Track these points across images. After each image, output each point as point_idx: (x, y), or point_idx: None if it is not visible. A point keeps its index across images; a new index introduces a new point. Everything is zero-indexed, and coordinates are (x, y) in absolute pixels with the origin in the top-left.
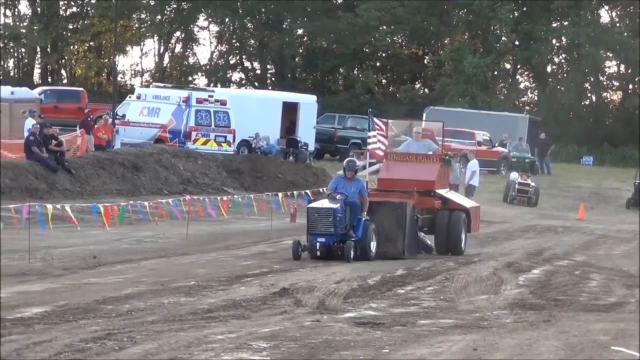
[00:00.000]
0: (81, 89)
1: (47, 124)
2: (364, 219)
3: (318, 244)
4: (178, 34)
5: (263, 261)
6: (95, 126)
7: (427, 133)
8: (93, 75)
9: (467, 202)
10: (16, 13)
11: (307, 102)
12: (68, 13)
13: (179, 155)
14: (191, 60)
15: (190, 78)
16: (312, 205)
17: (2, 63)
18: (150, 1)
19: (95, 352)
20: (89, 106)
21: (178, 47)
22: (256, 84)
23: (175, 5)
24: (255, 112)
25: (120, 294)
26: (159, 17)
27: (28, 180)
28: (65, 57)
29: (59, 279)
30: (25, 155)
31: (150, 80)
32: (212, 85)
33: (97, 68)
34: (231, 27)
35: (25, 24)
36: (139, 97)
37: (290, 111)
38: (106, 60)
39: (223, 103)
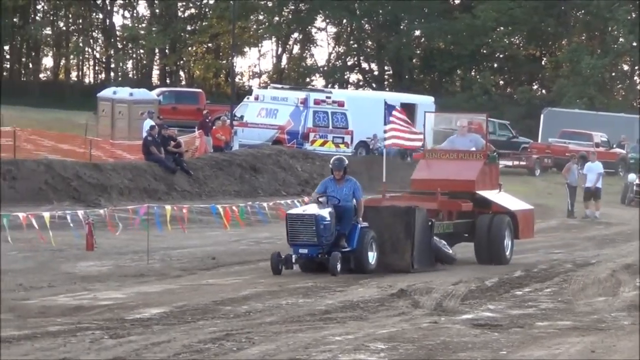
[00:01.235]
0: (199, 90)
1: (165, 125)
2: (359, 225)
3: (294, 256)
4: (296, 35)
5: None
6: (214, 127)
7: (474, 127)
8: (211, 76)
9: (515, 205)
10: (135, 14)
11: (425, 103)
12: (186, 14)
13: (296, 156)
14: (309, 61)
15: (308, 79)
16: (292, 211)
17: (121, 64)
18: (268, 2)
19: (214, 352)
20: (207, 107)
21: (296, 49)
22: (374, 85)
23: (293, 7)
24: (372, 113)
25: (238, 295)
26: (276, 18)
27: (147, 181)
28: (184, 59)
29: (177, 280)
30: (144, 156)
31: (268, 82)
32: (329, 86)
33: (215, 69)
34: (349, 28)
35: (144, 25)
36: (257, 99)
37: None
38: (224, 62)
39: (341, 104)
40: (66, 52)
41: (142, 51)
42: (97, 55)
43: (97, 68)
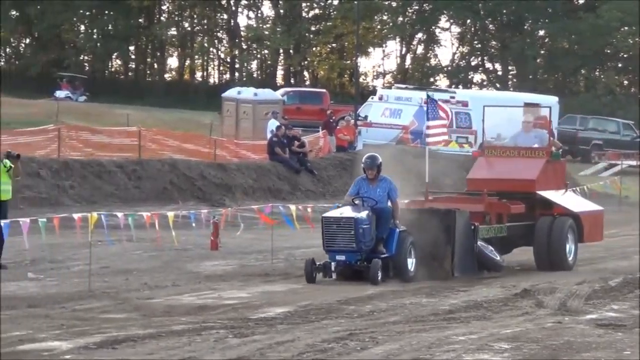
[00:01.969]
0: (324, 90)
1: (290, 125)
2: (398, 229)
3: (333, 264)
4: (420, 35)
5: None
6: (338, 127)
7: (540, 122)
8: (335, 76)
9: (581, 206)
10: (259, 15)
11: (549, 103)
12: (310, 15)
13: (420, 156)
14: (433, 61)
15: (431, 79)
16: (329, 214)
17: (245, 65)
18: (392, 3)
19: (337, 352)
20: (331, 107)
21: (420, 49)
22: (497, 85)
23: (417, 7)
24: (496, 113)
25: (362, 294)
26: (400, 18)
27: (271, 181)
28: (308, 59)
29: (301, 279)
30: (268, 156)
31: (392, 82)
32: (453, 86)
33: (339, 69)
34: (472, 28)
35: (268, 25)
36: (380, 99)
37: None
38: (348, 62)
39: (464, 104)
40: (191, 53)
41: (266, 51)
42: (222, 56)
43: (221, 68)
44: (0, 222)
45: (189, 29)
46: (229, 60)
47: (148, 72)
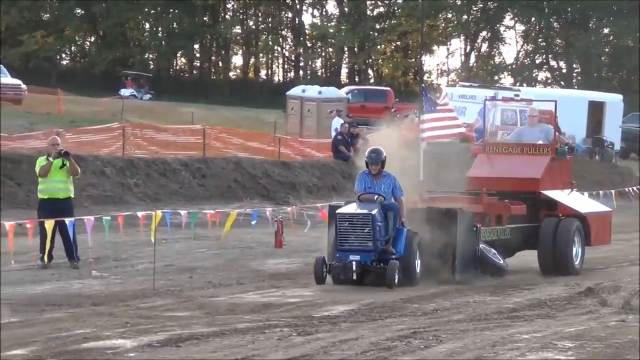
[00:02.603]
0: (388, 88)
1: (354, 123)
2: (405, 228)
3: (354, 263)
4: (484, 33)
5: None
6: (402, 125)
7: (545, 116)
8: (400, 74)
9: (588, 207)
10: (324, 13)
11: (613, 101)
12: (375, 13)
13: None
14: (497, 59)
15: (496, 77)
16: (343, 210)
17: (310, 63)
18: (457, 1)
19: (401, 350)
20: (395, 105)
21: (484, 47)
22: (562, 83)
23: (481, 5)
24: (561, 111)
25: (426, 292)
26: (465, 16)
27: (335, 179)
28: (372, 57)
29: None
30: (332, 154)
31: (457, 80)
32: (517, 84)
33: (403, 67)
34: (537, 26)
35: (333, 24)
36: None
37: (595, 110)
38: (413, 60)
39: (529, 102)
40: (255, 51)
41: (330, 49)
42: (286, 54)
43: (286, 66)
44: (66, 221)
45: (253, 27)
46: (293, 58)
47: (213, 70)
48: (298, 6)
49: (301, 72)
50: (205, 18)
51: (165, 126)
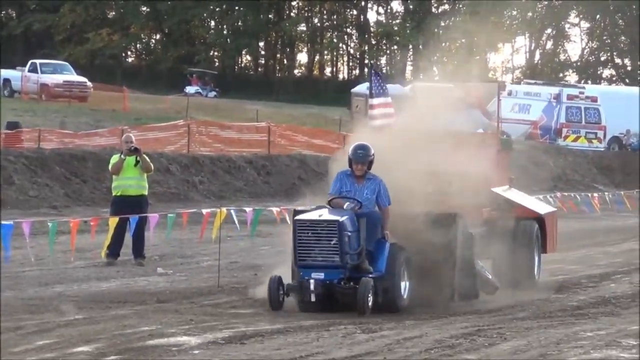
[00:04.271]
0: (452, 85)
1: None
2: (388, 241)
3: (313, 282)
4: (549, 30)
5: (632, 258)
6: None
7: (472, 100)
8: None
9: (539, 206)
10: (389, 11)
11: None
12: (440, 10)
13: (549, 151)
14: (562, 56)
15: (560, 75)
16: (303, 216)
17: (374, 60)
18: None
19: (465, 348)
20: None
21: (549, 44)
22: (627, 80)
23: (546, 2)
24: (626, 108)
25: None
26: (530, 13)
27: None
28: (437, 55)
29: None
30: None
31: (521, 77)
32: (582, 81)
33: (468, 64)
34: (602, 24)
35: (398, 21)
36: (510, 94)
37: None
38: (477, 57)
39: (594, 100)
40: (320, 48)
41: (395, 47)
42: (351, 51)
43: (351, 64)
44: (130, 218)
45: (318, 24)
46: (358, 55)
47: (277, 67)
48: (363, 4)
49: (366, 70)
50: (270, 15)
51: (230, 123)
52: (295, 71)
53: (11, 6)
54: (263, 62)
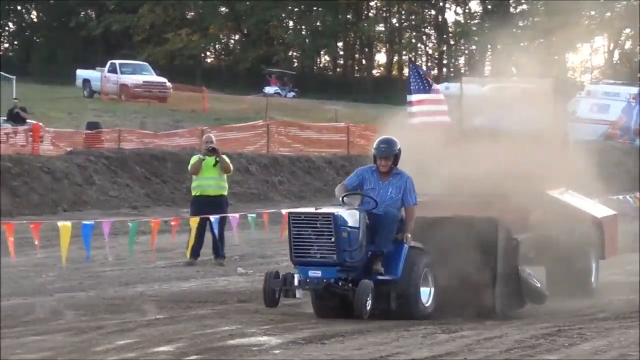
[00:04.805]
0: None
1: None
2: (407, 244)
3: (297, 277)
4: (628, 30)
5: None
6: None
7: (517, 94)
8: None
9: (597, 210)
10: (467, 11)
11: None
12: (518, 10)
13: (629, 152)
14: None
15: (639, 75)
16: (297, 210)
17: (453, 60)
18: None
19: (546, 348)
20: None
21: (628, 44)
22: None
23: (625, 2)
24: None
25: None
26: (608, 13)
27: None
28: (515, 55)
29: None
30: None
31: (600, 77)
32: None
33: (546, 64)
34: None
35: (476, 21)
36: (588, 94)
37: None
38: (556, 57)
39: None
40: (399, 48)
41: (474, 47)
42: (430, 51)
43: (429, 64)
44: (211, 218)
45: (397, 24)
46: (436, 55)
47: (356, 68)
48: (441, 4)
49: (444, 70)
50: (348, 16)
51: (309, 124)
52: (374, 71)
53: (91, 7)
54: (342, 62)
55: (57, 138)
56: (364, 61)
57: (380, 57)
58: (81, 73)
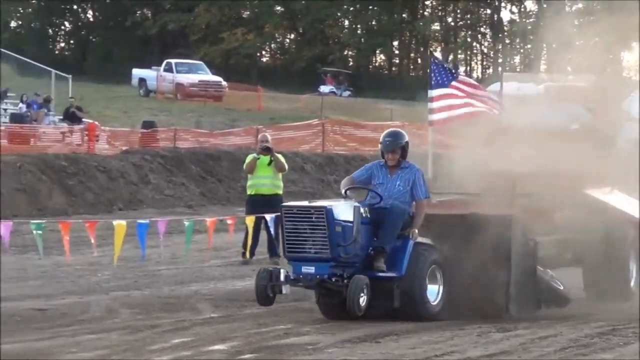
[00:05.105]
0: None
1: None
2: (412, 239)
3: (283, 272)
4: None
5: None
6: None
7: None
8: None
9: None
10: (522, 9)
11: None
12: (573, 9)
13: None
14: None
15: None
16: (290, 203)
17: (508, 59)
18: None
19: (600, 347)
20: None
21: None
22: None
23: None
24: None
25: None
26: None
27: None
28: (571, 55)
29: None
30: None
31: None
32: None
33: (602, 63)
34: None
35: (531, 20)
36: None
37: None
38: (611, 56)
39: None
40: (454, 47)
41: (529, 46)
42: (485, 50)
43: (484, 63)
44: (266, 217)
45: (452, 23)
46: (492, 54)
47: (411, 67)
48: (497, 3)
49: (500, 69)
50: (403, 15)
51: (365, 123)
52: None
53: (147, 6)
54: (397, 61)
55: (113, 137)
56: (419, 60)
57: (436, 56)
58: (137, 72)
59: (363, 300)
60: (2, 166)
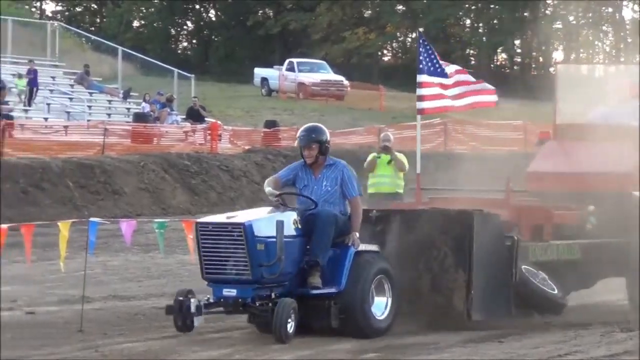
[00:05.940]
0: None
1: None
2: (354, 248)
3: (194, 301)
4: None
5: None
6: None
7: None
8: None
9: None
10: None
11: None
12: None
13: None
14: None
15: None
16: (206, 219)
17: (630, 58)
18: None
19: None
20: None
21: None
22: None
23: None
24: None
25: None
26: None
27: None
28: None
29: None
30: None
31: None
32: None
33: None
34: None
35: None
36: None
37: None
38: None
39: None
40: (576, 46)
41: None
42: (607, 49)
43: (606, 61)
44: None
45: (574, 22)
46: (614, 53)
47: (533, 65)
48: (619, 1)
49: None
50: (525, 13)
51: (487, 122)
52: (552, 69)
53: (269, 6)
54: (519, 60)
55: (235, 136)
56: (541, 59)
57: (558, 55)
58: (259, 71)
59: (291, 326)
60: (126, 165)
